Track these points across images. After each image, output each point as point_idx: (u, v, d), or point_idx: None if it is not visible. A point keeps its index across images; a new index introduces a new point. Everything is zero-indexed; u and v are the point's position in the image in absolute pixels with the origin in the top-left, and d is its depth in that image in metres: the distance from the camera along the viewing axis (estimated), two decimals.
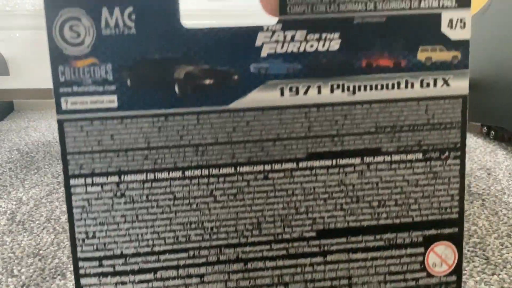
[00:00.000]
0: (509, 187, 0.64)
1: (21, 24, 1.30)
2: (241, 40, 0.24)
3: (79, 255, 0.25)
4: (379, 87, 0.25)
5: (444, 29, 0.25)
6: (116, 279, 0.25)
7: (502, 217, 0.53)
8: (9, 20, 1.30)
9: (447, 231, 0.27)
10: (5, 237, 0.50)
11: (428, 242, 0.27)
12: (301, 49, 0.24)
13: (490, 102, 0.83)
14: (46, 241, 0.48)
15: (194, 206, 0.25)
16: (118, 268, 0.25)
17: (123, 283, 0.25)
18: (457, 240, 0.27)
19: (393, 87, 0.25)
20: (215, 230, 0.25)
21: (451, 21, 0.25)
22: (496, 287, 0.38)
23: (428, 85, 0.26)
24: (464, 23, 0.25)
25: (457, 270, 0.28)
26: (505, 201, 0.58)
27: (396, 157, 0.26)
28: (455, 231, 0.27)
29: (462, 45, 0.25)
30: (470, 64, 0.25)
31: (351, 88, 0.25)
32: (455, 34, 0.25)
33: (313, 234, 0.26)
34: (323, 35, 0.24)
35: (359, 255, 0.27)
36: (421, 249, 0.27)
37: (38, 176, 0.71)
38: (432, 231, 0.27)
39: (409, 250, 0.27)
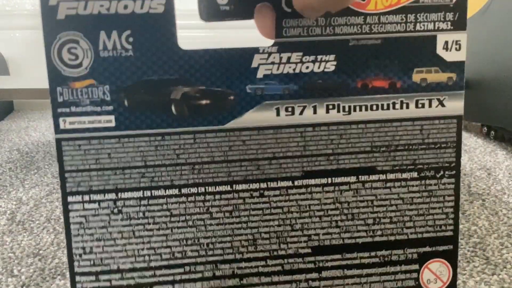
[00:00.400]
0: (509, 187, 0.64)
1: (21, 24, 1.30)
2: (237, 61, 0.24)
3: (76, 270, 0.25)
4: (374, 107, 0.25)
5: (440, 51, 0.25)
6: None
7: (502, 217, 0.53)
8: (9, 20, 1.30)
9: (441, 248, 0.27)
10: (5, 237, 0.51)
11: (422, 259, 0.27)
12: (297, 70, 0.25)
13: (490, 102, 0.82)
14: (46, 241, 0.49)
15: (190, 223, 0.25)
16: (114, 283, 0.25)
17: None
18: (451, 257, 0.28)
19: (388, 107, 0.26)
20: (211, 246, 0.26)
21: (446, 43, 0.25)
22: (496, 287, 0.38)
23: (423, 105, 0.26)
24: (460, 45, 0.25)
25: (452, 287, 0.28)
26: (505, 201, 0.58)
27: (391, 176, 0.26)
28: (450, 249, 0.28)
29: (458, 67, 0.26)
30: (470, 63, 0.25)
31: (347, 108, 0.25)
32: (450, 56, 0.25)
33: (308, 250, 0.27)
34: (319, 57, 0.25)
35: (354, 272, 0.27)
36: (416, 266, 0.27)
37: (38, 176, 0.72)
38: (427, 249, 0.27)
39: (404, 267, 0.27)
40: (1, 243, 0.49)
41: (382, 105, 0.26)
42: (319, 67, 0.25)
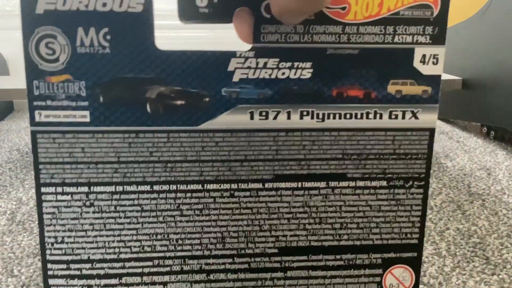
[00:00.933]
0: (509, 187, 0.64)
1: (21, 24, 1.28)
2: (214, 64, 0.24)
3: (48, 257, 0.26)
4: (348, 116, 0.26)
5: (417, 64, 0.25)
6: (83, 282, 0.26)
7: (502, 217, 0.54)
8: (9, 20, 1.28)
9: (405, 255, 0.28)
10: (5, 237, 0.51)
11: (386, 264, 0.28)
12: (273, 76, 0.25)
13: (490, 102, 0.83)
14: None
15: (160, 219, 0.26)
16: (84, 272, 0.26)
17: (89, 286, 0.26)
18: (415, 264, 0.28)
19: (362, 116, 0.26)
20: (180, 242, 0.26)
21: (424, 56, 0.25)
22: (496, 287, 0.39)
23: (396, 116, 0.26)
24: (437, 59, 0.25)
25: None
26: (505, 201, 0.59)
27: (360, 183, 0.27)
28: (414, 256, 0.28)
29: (433, 81, 0.26)
30: (471, 63, 0.26)
31: (321, 116, 0.26)
32: (427, 70, 0.26)
33: (275, 250, 0.27)
34: (295, 64, 0.25)
35: (318, 273, 0.28)
36: (379, 271, 0.28)
37: None
38: (391, 255, 0.28)
39: (367, 271, 0.28)
40: (1, 243, 0.49)
41: (356, 114, 0.26)
42: (295, 74, 0.25)
